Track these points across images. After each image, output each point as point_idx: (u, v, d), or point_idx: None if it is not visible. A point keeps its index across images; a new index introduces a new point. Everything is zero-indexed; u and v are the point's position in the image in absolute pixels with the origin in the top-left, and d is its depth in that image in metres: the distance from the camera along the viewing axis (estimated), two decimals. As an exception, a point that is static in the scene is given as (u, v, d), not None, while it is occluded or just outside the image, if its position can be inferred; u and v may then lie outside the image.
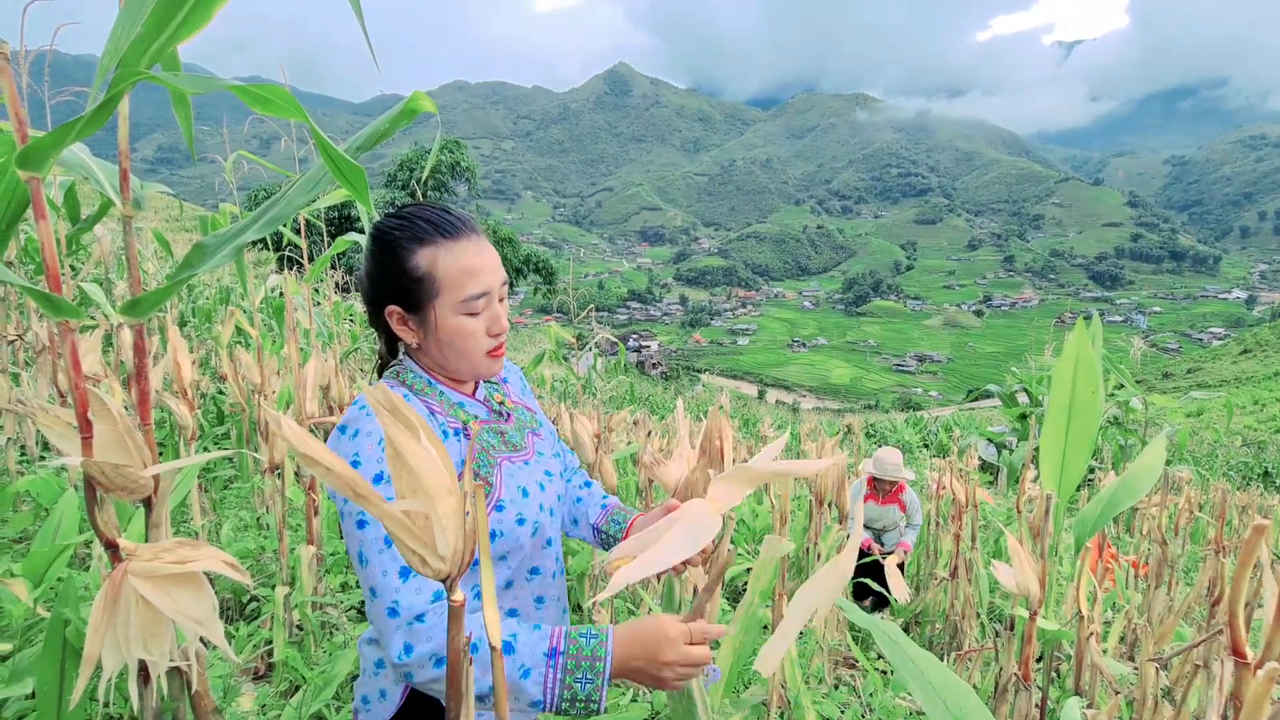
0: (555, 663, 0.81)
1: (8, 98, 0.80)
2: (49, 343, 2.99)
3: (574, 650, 0.82)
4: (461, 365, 1.03)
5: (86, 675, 0.83)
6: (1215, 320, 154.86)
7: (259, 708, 1.92)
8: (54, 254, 0.83)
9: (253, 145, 27.92)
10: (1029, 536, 2.32)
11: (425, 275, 0.97)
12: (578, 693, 0.81)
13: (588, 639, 0.83)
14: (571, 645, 0.83)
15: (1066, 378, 1.15)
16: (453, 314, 0.99)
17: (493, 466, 1.03)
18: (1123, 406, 8.24)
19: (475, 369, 1.04)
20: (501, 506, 1.01)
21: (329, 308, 6.16)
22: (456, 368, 1.04)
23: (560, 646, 0.83)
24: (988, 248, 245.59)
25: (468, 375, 1.06)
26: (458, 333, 1.00)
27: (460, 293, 0.98)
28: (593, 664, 0.82)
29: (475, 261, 0.99)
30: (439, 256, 0.97)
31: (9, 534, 2.42)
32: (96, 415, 0.87)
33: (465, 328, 1.00)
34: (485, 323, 1.01)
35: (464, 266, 0.98)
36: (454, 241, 0.98)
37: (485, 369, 1.05)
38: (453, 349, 1.01)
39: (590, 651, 0.82)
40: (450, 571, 0.50)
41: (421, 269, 0.97)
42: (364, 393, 0.57)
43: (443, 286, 0.98)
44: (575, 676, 0.81)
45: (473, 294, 0.98)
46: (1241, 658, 0.67)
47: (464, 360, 1.03)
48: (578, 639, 0.83)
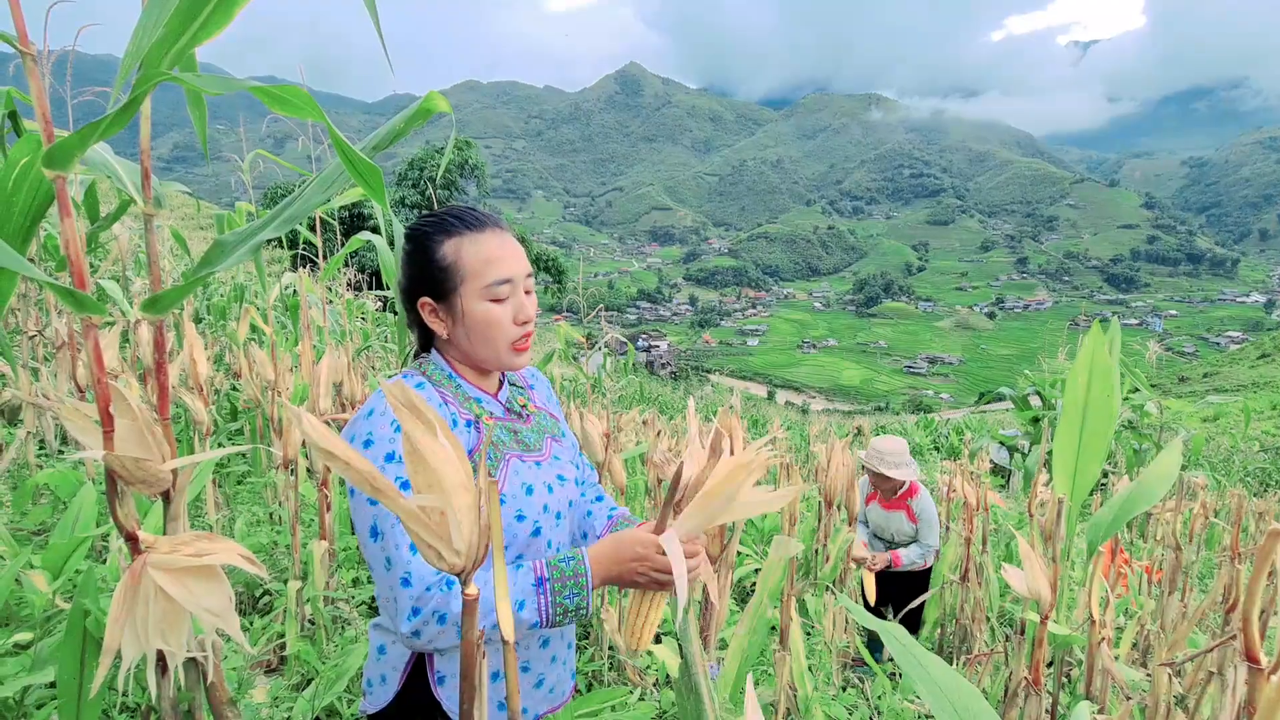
0: (543, 589, 0.93)
1: (34, 98, 0.81)
2: (68, 339, 3.04)
3: (557, 575, 0.94)
4: (487, 354, 1.07)
5: (106, 665, 0.84)
6: (1233, 324, 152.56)
7: (272, 700, 1.94)
8: (78, 251, 0.85)
9: (268, 144, 28.20)
10: (1040, 540, 2.31)
11: (451, 264, 1.03)
12: (568, 606, 0.94)
13: (567, 562, 0.95)
14: (554, 572, 0.94)
15: (1081, 381, 1.15)
16: (478, 301, 1.03)
17: (499, 461, 1.06)
18: (1137, 411, 8.14)
19: (499, 359, 1.07)
20: (502, 500, 1.04)
21: (342, 305, 6.21)
22: (483, 357, 1.07)
23: (545, 575, 0.94)
24: (1001, 249, 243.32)
25: (493, 365, 1.09)
26: (484, 320, 1.04)
27: (483, 279, 1.03)
28: (576, 580, 0.94)
29: (498, 251, 1.05)
30: (463, 245, 1.04)
31: (29, 526, 2.46)
32: (117, 410, 0.88)
33: (491, 315, 1.04)
34: (511, 311, 1.05)
35: (486, 255, 1.04)
36: (478, 233, 1.05)
37: (510, 360, 1.08)
38: (479, 336, 1.05)
39: (572, 571, 0.94)
40: (465, 566, 0.51)
41: (448, 258, 1.03)
42: (381, 387, 0.58)
43: (467, 273, 1.03)
44: (563, 595, 0.94)
45: (496, 279, 1.03)
46: (1255, 664, 0.66)
47: (489, 348, 1.06)
48: (558, 564, 0.95)
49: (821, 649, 2.73)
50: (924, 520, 3.15)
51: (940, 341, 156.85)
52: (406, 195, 20.85)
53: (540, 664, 1.14)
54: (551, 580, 0.93)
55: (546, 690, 1.15)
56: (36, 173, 0.98)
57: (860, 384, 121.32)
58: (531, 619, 0.92)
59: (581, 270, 6.44)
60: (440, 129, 31.31)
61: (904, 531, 3.19)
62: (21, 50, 0.81)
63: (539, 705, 1.15)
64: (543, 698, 1.15)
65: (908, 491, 3.17)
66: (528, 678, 1.12)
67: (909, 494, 3.17)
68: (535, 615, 0.92)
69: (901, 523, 3.18)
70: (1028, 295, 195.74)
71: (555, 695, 1.18)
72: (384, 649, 1.07)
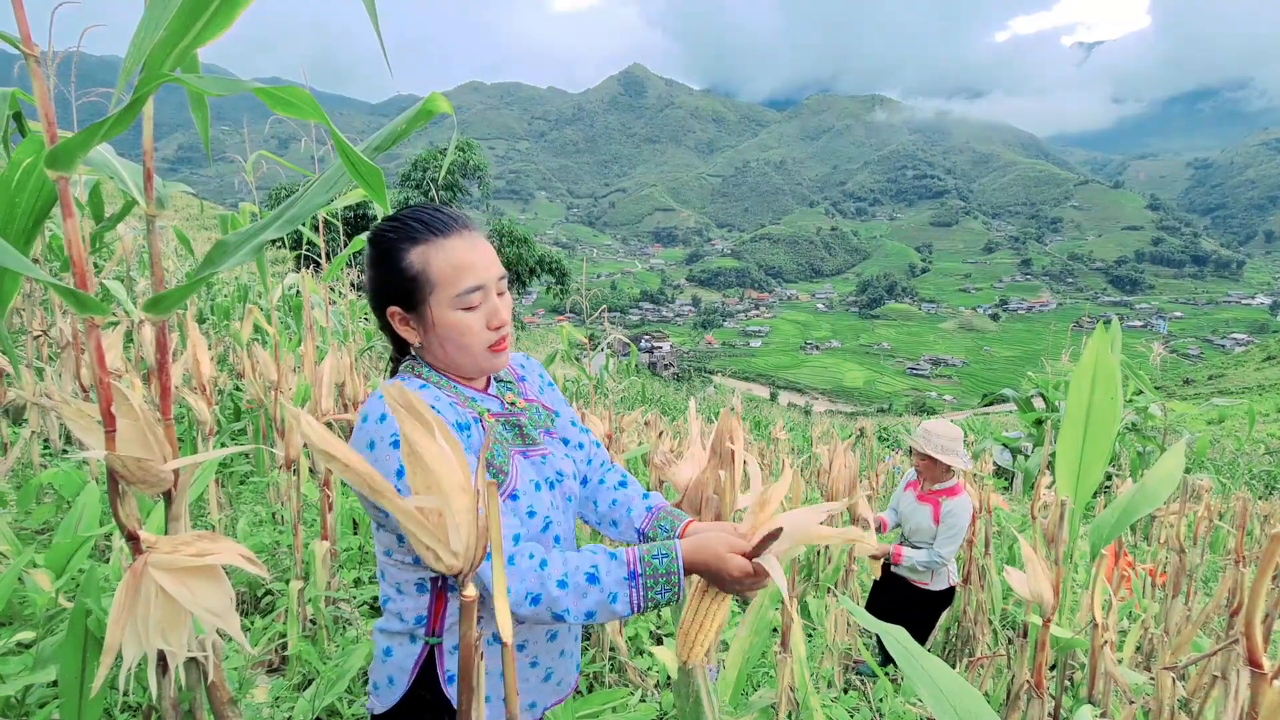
0: (636, 584, 0.94)
1: (38, 100, 0.82)
2: (72, 338, 3.05)
3: (649, 571, 0.95)
4: (464, 361, 1.04)
5: (108, 664, 0.84)
6: (1238, 326, 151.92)
7: (273, 700, 1.94)
8: (81, 252, 0.85)
9: (272, 145, 28.58)
10: (1043, 543, 2.30)
11: (419, 274, 0.99)
12: (659, 601, 0.95)
13: (660, 558, 0.95)
14: (647, 568, 0.95)
15: (1084, 383, 1.14)
16: (449, 310, 1.00)
17: (507, 458, 1.05)
18: (1141, 413, 8.12)
19: (478, 364, 1.05)
20: (516, 496, 1.03)
21: (345, 306, 6.23)
22: (460, 363, 1.05)
23: (637, 569, 0.95)
24: (1004, 250, 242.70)
25: (472, 371, 1.07)
26: (456, 328, 1.01)
27: (454, 288, 0.99)
28: (668, 578, 0.95)
29: (467, 256, 1.00)
30: (430, 254, 0.99)
31: (32, 525, 2.47)
32: (119, 410, 0.89)
33: (463, 323, 1.01)
34: (484, 317, 1.02)
35: (456, 262, 0.99)
36: (445, 239, 1.00)
37: (488, 364, 1.06)
38: (453, 345, 1.02)
39: (664, 569, 0.95)
40: (463, 567, 0.51)
41: (415, 268, 0.99)
42: (380, 390, 0.58)
43: (437, 283, 0.99)
44: (655, 591, 0.94)
45: (466, 288, 0.99)
46: (1259, 668, 0.66)
47: (465, 356, 1.03)
48: (651, 561, 0.95)
49: (823, 651, 2.72)
50: (945, 524, 2.83)
51: (943, 343, 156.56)
52: (410, 196, 20.89)
53: (549, 658, 1.14)
54: (644, 576, 0.94)
55: (555, 683, 1.17)
56: (40, 174, 0.98)
57: (863, 385, 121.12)
58: (624, 611, 0.94)
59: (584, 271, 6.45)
60: (444, 130, 31.36)
61: (922, 529, 2.91)
62: (25, 52, 0.81)
63: (547, 698, 1.16)
64: (550, 690, 1.16)
65: (949, 490, 2.88)
66: (536, 672, 1.13)
67: (949, 492, 2.88)
68: (627, 607, 0.94)
69: (925, 518, 2.90)
70: (1031, 297, 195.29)
71: (562, 688, 1.20)
72: (390, 651, 1.06)
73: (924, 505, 2.91)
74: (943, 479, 2.90)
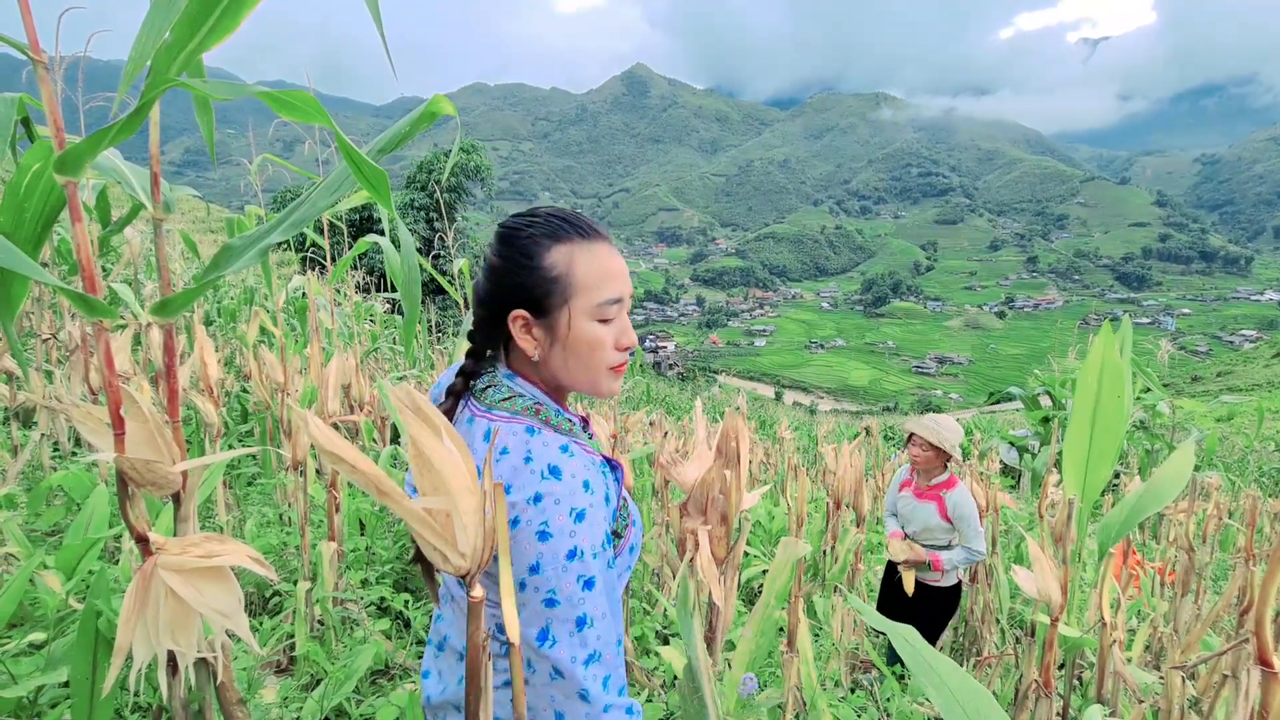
0: None
1: (46, 105, 0.82)
2: (81, 342, 3.07)
3: None
4: (582, 378, 0.93)
5: (118, 665, 0.85)
6: (1247, 323, 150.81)
7: (281, 700, 1.95)
8: (89, 256, 0.86)
9: (277, 148, 28.55)
10: (1051, 542, 2.29)
11: (561, 275, 0.89)
12: None
13: None
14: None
15: (1091, 381, 1.14)
16: (587, 319, 0.90)
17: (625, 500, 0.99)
18: (1149, 411, 8.07)
19: (595, 384, 0.94)
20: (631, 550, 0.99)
21: (350, 308, 6.25)
22: (576, 380, 0.94)
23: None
24: (1010, 248, 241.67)
25: (585, 390, 0.95)
26: (588, 341, 0.90)
27: (598, 295, 0.90)
28: None
29: (613, 264, 0.92)
30: (577, 255, 0.89)
31: (42, 527, 2.49)
32: (128, 413, 0.89)
33: (597, 336, 0.91)
34: (615, 334, 0.93)
35: (602, 268, 0.90)
36: (592, 242, 0.91)
37: (606, 386, 0.95)
38: (579, 359, 0.92)
39: None
40: (470, 568, 0.51)
41: (558, 267, 0.89)
42: (389, 393, 0.58)
43: (580, 288, 0.89)
44: None
45: (610, 298, 0.90)
46: (1269, 667, 0.66)
47: (588, 373, 0.93)
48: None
49: (830, 650, 2.72)
50: (960, 518, 2.76)
51: (949, 341, 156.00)
52: (415, 198, 20.94)
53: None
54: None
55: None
56: (48, 178, 0.99)
57: (868, 384, 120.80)
58: None
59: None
60: (449, 132, 31.50)
61: (932, 527, 2.84)
62: (33, 58, 0.82)
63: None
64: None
65: (945, 483, 2.82)
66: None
67: (946, 485, 2.82)
68: None
69: (931, 516, 2.83)
70: (1038, 294, 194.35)
71: None
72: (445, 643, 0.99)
73: (926, 503, 2.86)
74: (938, 473, 2.86)
